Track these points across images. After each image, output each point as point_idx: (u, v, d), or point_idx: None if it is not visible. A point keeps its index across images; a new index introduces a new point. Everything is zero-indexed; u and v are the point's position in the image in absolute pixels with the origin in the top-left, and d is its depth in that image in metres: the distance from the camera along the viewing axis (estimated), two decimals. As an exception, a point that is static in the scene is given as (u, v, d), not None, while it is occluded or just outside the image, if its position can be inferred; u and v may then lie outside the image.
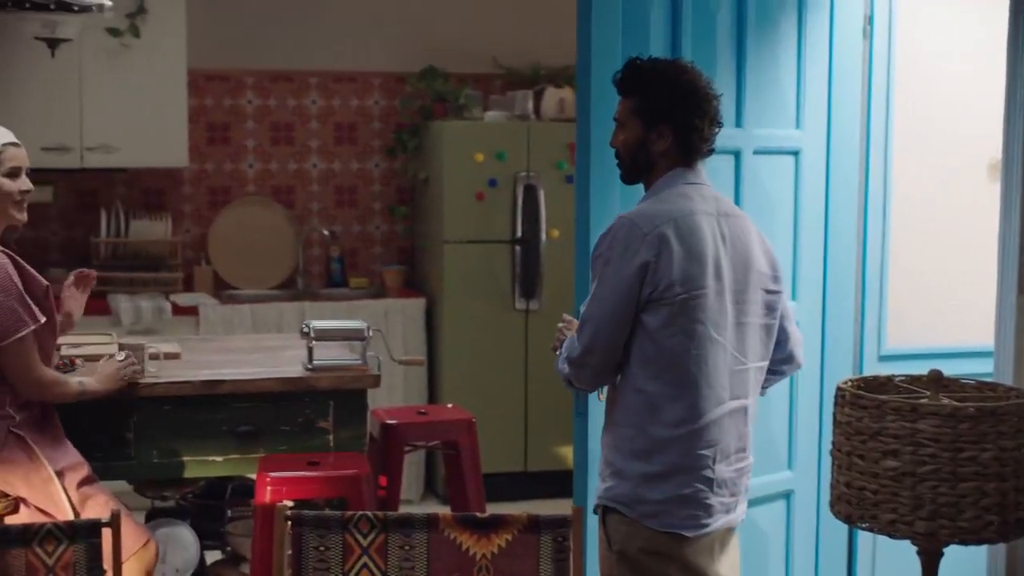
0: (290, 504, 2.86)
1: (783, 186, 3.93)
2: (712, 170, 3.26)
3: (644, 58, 3.10)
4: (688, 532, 2.99)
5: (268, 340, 5.19)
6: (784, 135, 3.92)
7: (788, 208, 3.94)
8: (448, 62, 6.84)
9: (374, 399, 4.49)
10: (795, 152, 3.95)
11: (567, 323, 3.25)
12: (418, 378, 6.49)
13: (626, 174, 3.14)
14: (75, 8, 4.25)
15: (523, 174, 6.47)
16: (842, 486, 3.08)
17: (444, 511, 3.58)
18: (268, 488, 3.87)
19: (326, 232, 6.90)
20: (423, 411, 4.78)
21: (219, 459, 4.16)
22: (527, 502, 6.05)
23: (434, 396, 6.52)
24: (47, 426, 3.70)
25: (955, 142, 4.20)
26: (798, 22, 3.91)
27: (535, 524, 2.82)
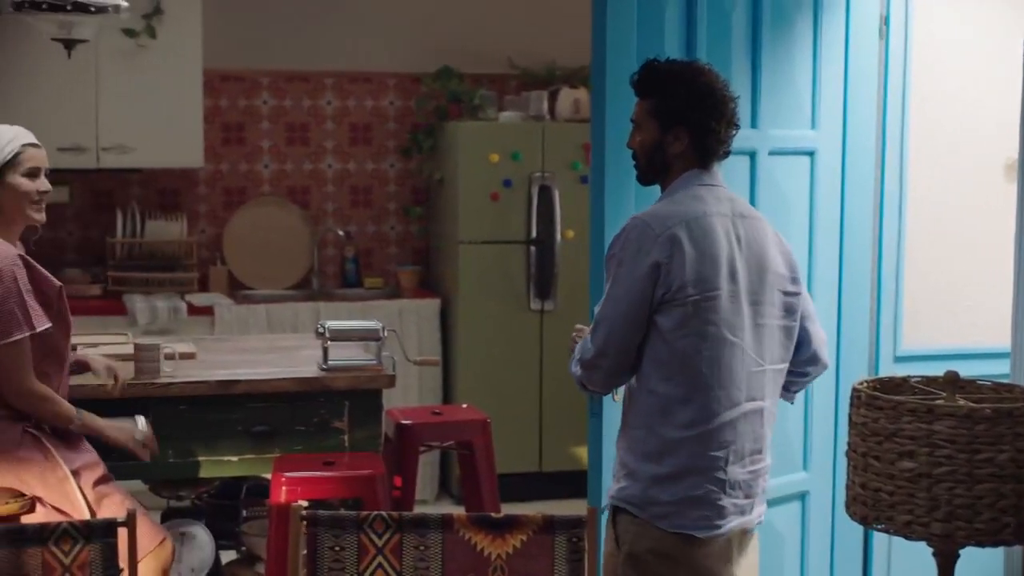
0: (305, 504, 2.86)
1: (798, 187, 3.92)
2: (727, 171, 3.26)
3: (661, 60, 3.10)
4: (699, 533, 2.98)
5: (283, 340, 5.20)
6: (799, 136, 3.91)
7: (803, 209, 3.93)
8: (463, 62, 6.84)
9: (389, 399, 4.49)
10: (810, 153, 3.94)
11: (579, 331, 3.23)
12: (433, 378, 6.49)
13: (642, 175, 3.14)
14: (92, 9, 4.26)
15: (538, 174, 6.47)
16: (858, 487, 3.07)
17: (459, 511, 3.59)
18: (283, 488, 3.87)
19: (341, 232, 6.90)
20: (438, 411, 4.79)
21: (234, 459, 4.17)
22: (542, 502, 6.04)
23: (449, 396, 6.52)
24: (63, 426, 3.70)
25: (971, 142, 4.18)
26: (814, 22, 3.90)
27: (550, 525, 2.82)
